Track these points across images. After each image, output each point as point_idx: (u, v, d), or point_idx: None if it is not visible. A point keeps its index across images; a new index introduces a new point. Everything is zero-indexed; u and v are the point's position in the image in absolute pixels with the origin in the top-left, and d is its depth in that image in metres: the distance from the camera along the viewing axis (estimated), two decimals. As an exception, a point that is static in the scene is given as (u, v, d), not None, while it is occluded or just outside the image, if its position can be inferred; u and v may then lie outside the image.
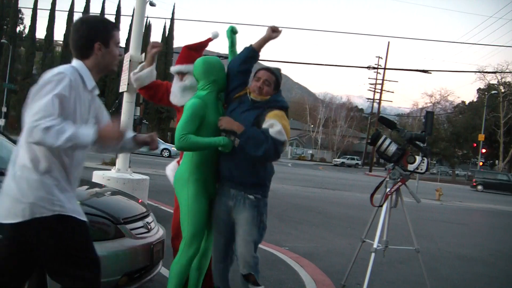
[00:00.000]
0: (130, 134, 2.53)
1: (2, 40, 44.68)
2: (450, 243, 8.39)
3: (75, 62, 2.31)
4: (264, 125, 2.99)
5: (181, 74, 3.53)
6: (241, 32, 3.59)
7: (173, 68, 3.59)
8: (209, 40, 3.68)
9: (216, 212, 3.18)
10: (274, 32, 3.28)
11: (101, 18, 2.46)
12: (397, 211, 4.25)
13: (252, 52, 3.21)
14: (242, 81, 3.23)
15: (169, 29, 52.92)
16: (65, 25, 49.01)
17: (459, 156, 49.76)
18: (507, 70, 43.67)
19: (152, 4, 22.23)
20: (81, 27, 2.34)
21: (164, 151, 31.38)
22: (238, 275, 3.12)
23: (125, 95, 6.51)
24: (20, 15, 50.79)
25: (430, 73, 20.17)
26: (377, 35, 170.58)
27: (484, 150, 42.53)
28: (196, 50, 3.58)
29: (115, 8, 68.71)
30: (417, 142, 4.19)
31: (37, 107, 2.03)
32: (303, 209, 11.18)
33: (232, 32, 3.55)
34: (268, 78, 3.13)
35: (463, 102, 56.12)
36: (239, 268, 3.06)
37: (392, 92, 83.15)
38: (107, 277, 3.18)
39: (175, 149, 3.17)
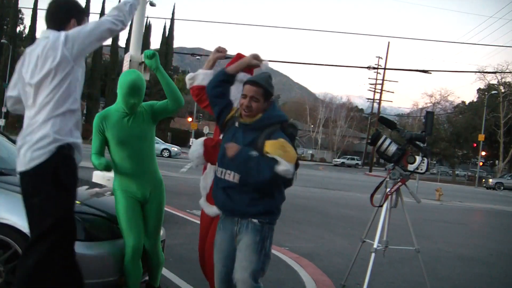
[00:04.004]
0: None
1: (2, 40, 44.72)
2: (450, 243, 8.39)
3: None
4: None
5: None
6: (241, 32, 3.51)
7: None
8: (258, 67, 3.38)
9: (219, 240, 2.86)
10: (254, 59, 3.01)
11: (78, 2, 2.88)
12: (397, 211, 4.25)
13: (224, 76, 2.90)
14: (224, 104, 2.90)
15: (169, 29, 53.00)
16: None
17: (459, 156, 49.75)
18: (507, 70, 43.72)
19: (152, 4, 22.23)
20: (64, 2, 2.77)
21: (164, 151, 31.38)
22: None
23: (125, 95, 6.51)
24: (20, 15, 50.86)
25: (430, 73, 20.18)
26: (377, 35, 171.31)
27: (484, 153, 42.58)
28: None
29: (115, 8, 68.73)
30: (417, 142, 4.19)
31: None
32: (303, 209, 11.18)
33: (147, 57, 3.41)
34: (255, 94, 2.73)
35: (463, 102, 56.14)
36: None
37: (392, 92, 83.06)
38: (107, 277, 3.20)
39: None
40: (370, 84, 61.06)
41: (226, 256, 2.81)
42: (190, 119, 47.13)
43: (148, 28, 47.61)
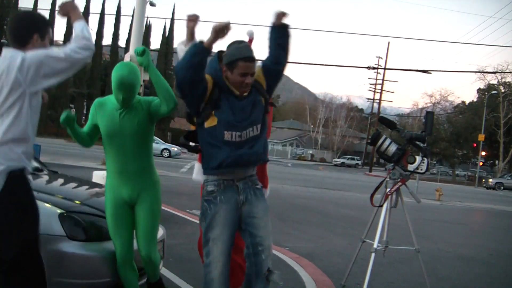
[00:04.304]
0: None
1: (2, 40, 44.59)
2: (450, 243, 8.39)
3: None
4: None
5: None
6: (241, 32, 3.47)
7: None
8: (250, 41, 3.33)
9: (222, 213, 2.78)
10: (220, 32, 2.72)
11: (41, 14, 2.75)
12: (397, 211, 4.25)
13: (205, 53, 2.70)
14: (204, 80, 2.76)
15: (169, 29, 52.93)
16: (65, 25, 49.06)
17: (459, 156, 49.76)
18: (507, 70, 43.73)
19: (152, 4, 22.24)
20: (24, 18, 2.65)
21: (164, 151, 31.37)
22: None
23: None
24: (20, 15, 50.82)
25: (430, 73, 20.24)
26: (377, 35, 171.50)
27: (484, 153, 42.52)
28: None
29: (115, 8, 68.83)
30: (417, 142, 4.19)
31: None
32: (303, 209, 11.18)
33: (137, 55, 3.23)
34: (254, 70, 2.78)
35: (463, 102, 56.13)
36: (263, 265, 2.79)
37: (392, 92, 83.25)
38: (107, 277, 3.19)
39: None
40: (370, 84, 61.17)
41: (233, 227, 2.81)
42: (190, 119, 47.10)
43: (148, 28, 47.56)
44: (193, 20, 3.17)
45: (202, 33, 3.28)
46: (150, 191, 3.26)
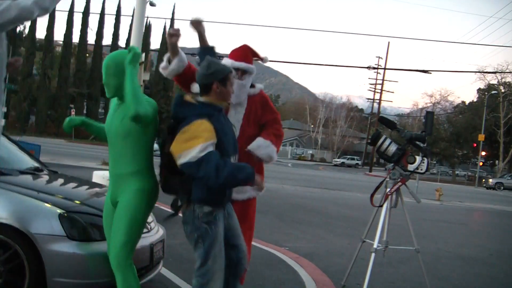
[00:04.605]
0: None
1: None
2: (450, 243, 8.39)
3: None
4: None
5: (240, 71, 3.44)
6: (241, 32, 3.55)
7: (235, 64, 3.41)
8: (262, 59, 3.65)
9: (220, 232, 2.81)
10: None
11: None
12: (397, 211, 4.25)
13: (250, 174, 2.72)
14: None
15: (169, 29, 52.95)
16: (65, 25, 49.03)
17: (459, 156, 49.76)
18: (507, 70, 43.71)
19: (152, 4, 22.18)
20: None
21: (164, 151, 31.26)
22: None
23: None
24: (20, 15, 50.74)
25: (430, 73, 20.20)
26: (377, 35, 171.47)
27: (484, 153, 42.52)
28: (253, 55, 3.55)
29: (115, 8, 68.82)
30: (417, 142, 4.19)
31: None
32: (303, 209, 11.18)
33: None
34: None
35: (463, 102, 56.13)
36: (243, 269, 3.00)
37: (392, 92, 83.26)
38: (107, 277, 3.19)
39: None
40: (370, 84, 61.19)
41: (223, 244, 2.87)
42: (190, 119, 47.11)
43: (148, 28, 47.55)
44: (175, 35, 3.25)
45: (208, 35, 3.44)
46: (127, 197, 2.92)
